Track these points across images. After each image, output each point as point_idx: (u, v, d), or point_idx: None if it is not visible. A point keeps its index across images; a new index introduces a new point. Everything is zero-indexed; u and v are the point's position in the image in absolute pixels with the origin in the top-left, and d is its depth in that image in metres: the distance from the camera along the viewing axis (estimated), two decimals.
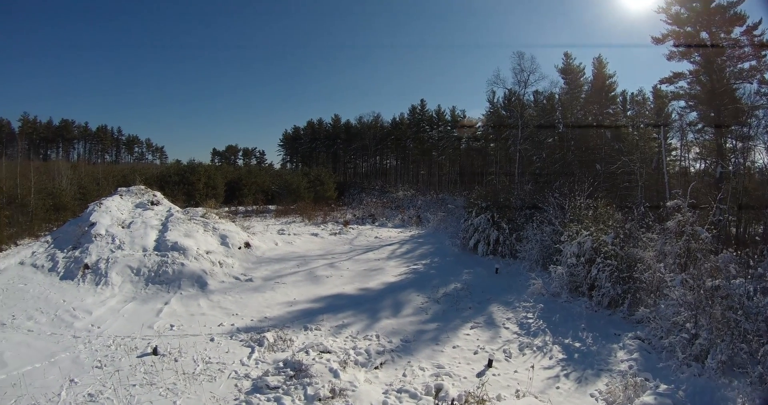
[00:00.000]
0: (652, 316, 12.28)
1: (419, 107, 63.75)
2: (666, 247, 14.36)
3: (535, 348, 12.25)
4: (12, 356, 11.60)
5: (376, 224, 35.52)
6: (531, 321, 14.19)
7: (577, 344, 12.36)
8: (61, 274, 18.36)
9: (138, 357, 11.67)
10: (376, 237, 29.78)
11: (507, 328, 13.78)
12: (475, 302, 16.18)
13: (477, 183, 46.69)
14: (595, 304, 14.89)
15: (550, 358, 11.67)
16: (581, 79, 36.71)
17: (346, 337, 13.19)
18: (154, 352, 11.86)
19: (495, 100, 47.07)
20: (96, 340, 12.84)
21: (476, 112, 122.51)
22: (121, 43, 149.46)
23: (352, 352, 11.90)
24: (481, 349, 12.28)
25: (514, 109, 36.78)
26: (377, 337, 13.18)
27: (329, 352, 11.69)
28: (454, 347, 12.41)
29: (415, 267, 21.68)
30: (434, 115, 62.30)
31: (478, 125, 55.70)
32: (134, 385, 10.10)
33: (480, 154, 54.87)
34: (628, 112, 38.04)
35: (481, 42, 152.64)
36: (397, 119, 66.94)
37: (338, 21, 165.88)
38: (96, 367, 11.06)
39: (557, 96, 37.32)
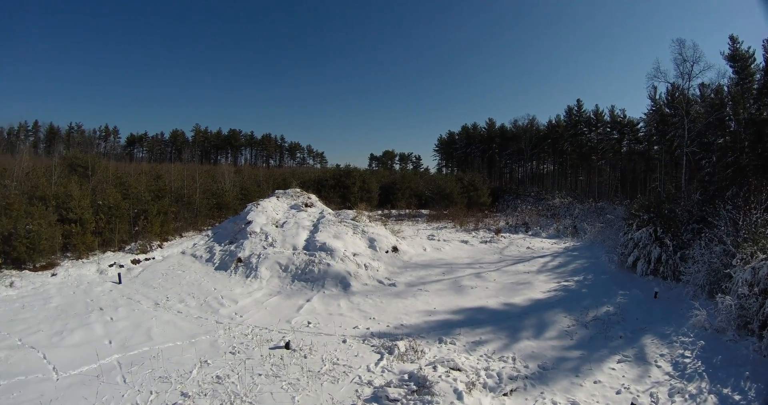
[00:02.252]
0: None
1: (575, 108, 59.78)
2: None
3: (687, 395, 10.74)
4: (158, 332, 13.66)
5: (529, 233, 34.16)
6: (688, 361, 12.54)
7: (737, 397, 10.63)
8: (216, 264, 21.22)
9: (270, 349, 12.63)
10: (527, 247, 28.60)
11: (659, 367, 12.30)
12: (627, 331, 14.83)
13: (639, 191, 43.77)
14: (765, 347, 12.73)
15: None
16: (752, 66, 31.84)
17: (480, 356, 12.55)
18: (287, 346, 12.67)
19: (657, 97, 41.79)
20: (236, 327, 14.31)
21: (637, 111, 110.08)
22: (289, 63, 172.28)
23: (483, 373, 11.24)
24: (625, 388, 11.09)
25: (679, 106, 32.89)
26: (513, 359, 12.38)
27: (459, 370, 11.12)
28: (595, 382, 11.35)
29: (565, 284, 20.58)
30: (592, 116, 57.80)
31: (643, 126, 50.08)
32: (260, 375, 10.87)
33: (642, 158, 49.87)
34: None
35: (643, 34, 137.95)
36: (553, 121, 64.01)
37: (507, 31, 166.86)
38: (230, 352, 12.30)
39: (726, 88, 32.56)
